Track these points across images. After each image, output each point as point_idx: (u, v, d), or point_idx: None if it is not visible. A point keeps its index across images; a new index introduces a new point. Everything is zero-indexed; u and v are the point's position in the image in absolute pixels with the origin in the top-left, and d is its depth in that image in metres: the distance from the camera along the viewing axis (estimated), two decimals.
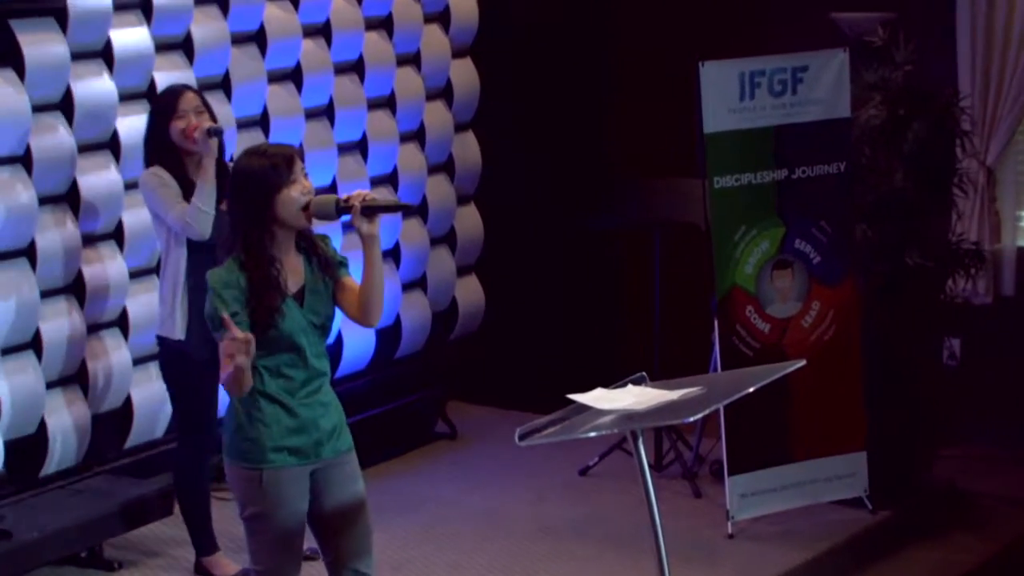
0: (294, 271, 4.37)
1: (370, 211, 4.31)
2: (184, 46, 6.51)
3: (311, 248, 4.42)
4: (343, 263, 4.45)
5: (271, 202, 4.28)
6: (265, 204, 4.28)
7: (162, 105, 5.66)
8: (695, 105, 6.24)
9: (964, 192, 6.76)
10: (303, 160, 4.40)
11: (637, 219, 7.12)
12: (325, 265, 4.41)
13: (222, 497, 6.09)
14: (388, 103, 7.42)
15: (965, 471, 7.03)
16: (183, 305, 5.60)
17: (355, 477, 4.47)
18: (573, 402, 4.26)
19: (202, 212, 5.52)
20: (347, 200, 4.33)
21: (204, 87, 6.48)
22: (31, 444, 6.04)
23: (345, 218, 4.41)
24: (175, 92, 5.70)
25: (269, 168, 4.29)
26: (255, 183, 4.28)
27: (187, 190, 5.59)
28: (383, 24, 7.38)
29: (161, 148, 5.61)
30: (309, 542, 4.50)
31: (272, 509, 4.34)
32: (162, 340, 5.67)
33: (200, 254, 5.57)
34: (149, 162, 5.67)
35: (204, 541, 5.84)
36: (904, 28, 6.66)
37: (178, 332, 5.61)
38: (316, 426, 4.37)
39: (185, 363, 5.63)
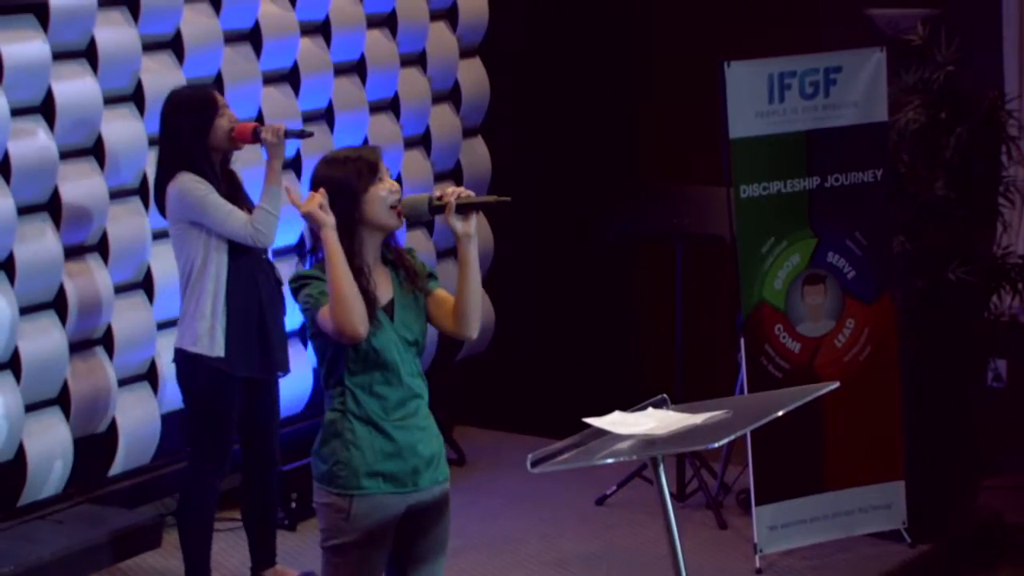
0: (382, 283, 4.39)
1: (466, 208, 4.32)
2: (173, 45, 6.55)
3: (398, 260, 4.44)
4: (433, 275, 4.47)
5: (357, 205, 4.32)
6: (352, 208, 4.31)
7: (197, 108, 5.68)
8: (720, 108, 6.26)
9: (1010, 202, 6.76)
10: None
11: (658, 230, 7.14)
12: (413, 278, 4.42)
13: (218, 529, 6.11)
14: (392, 106, 7.46)
15: (1012, 502, 7.01)
16: (223, 320, 5.63)
17: (446, 510, 4.46)
18: (589, 426, 4.27)
19: (272, 217, 5.60)
20: (440, 198, 4.35)
21: None
22: (9, 471, 6.06)
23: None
24: (208, 90, 5.75)
25: (352, 174, 4.34)
26: (337, 191, 4.32)
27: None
28: (386, 22, 7.42)
29: (195, 152, 5.64)
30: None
31: (359, 540, 4.33)
32: (195, 358, 5.67)
33: (241, 264, 5.63)
34: (172, 169, 5.66)
35: (199, 574, 5.85)
36: (946, 25, 6.67)
37: (217, 349, 5.65)
38: (414, 451, 4.37)
39: (221, 383, 5.66)
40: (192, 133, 5.64)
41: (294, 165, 6.99)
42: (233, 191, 5.72)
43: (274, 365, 5.77)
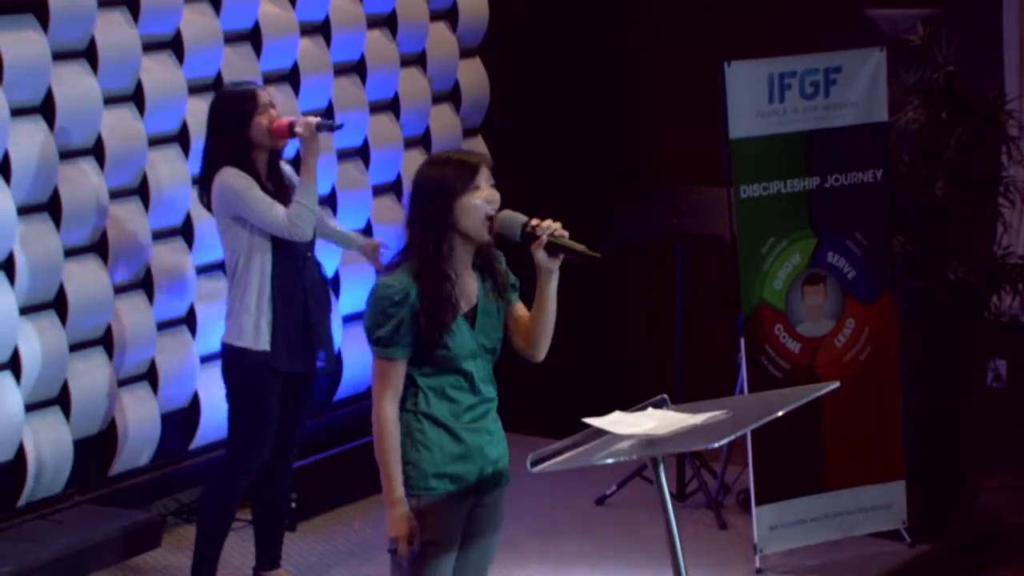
0: (468, 289, 4.37)
1: (555, 248, 4.30)
2: (173, 45, 6.55)
3: (488, 267, 4.41)
4: (515, 286, 4.45)
5: (450, 209, 4.29)
6: (444, 212, 4.28)
7: (237, 104, 5.70)
8: (720, 109, 6.26)
9: (1010, 202, 6.77)
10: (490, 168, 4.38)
11: (658, 230, 7.14)
12: (499, 289, 4.41)
13: (234, 529, 6.12)
14: (392, 106, 7.46)
15: (1012, 502, 7.03)
16: (268, 314, 5.66)
17: (501, 520, 4.49)
18: (589, 426, 4.28)
19: (308, 211, 5.62)
20: (535, 227, 4.30)
21: (195, 89, 6.54)
22: (8, 471, 6.07)
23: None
24: (249, 88, 5.78)
25: (449, 176, 4.31)
26: (434, 191, 4.30)
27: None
28: (386, 22, 7.43)
29: (236, 148, 5.67)
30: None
31: (427, 541, 4.32)
32: (240, 352, 5.70)
33: (285, 258, 5.66)
34: (216, 164, 5.69)
35: (206, 571, 5.85)
36: (946, 25, 6.68)
37: (262, 343, 5.67)
38: (482, 454, 4.38)
39: (264, 377, 5.68)
40: (232, 130, 5.67)
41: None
42: (280, 188, 5.73)
43: (316, 361, 5.81)
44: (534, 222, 4.32)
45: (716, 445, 4.07)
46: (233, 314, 5.73)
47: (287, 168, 5.90)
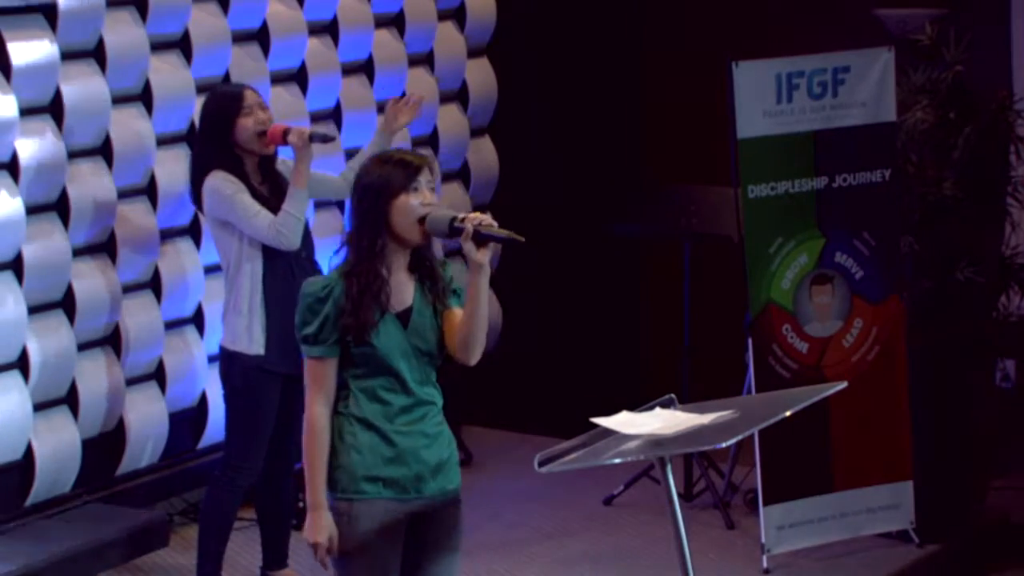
0: (403, 290, 4.34)
1: (481, 238, 4.24)
2: (181, 45, 6.57)
3: (428, 271, 4.38)
4: (456, 293, 4.40)
5: (387, 208, 4.28)
6: (380, 210, 4.27)
7: (223, 104, 5.70)
8: (728, 108, 6.27)
9: (1019, 202, 6.77)
10: (435, 173, 4.36)
11: (666, 230, 7.15)
12: (437, 292, 4.37)
13: (241, 528, 6.14)
14: None
15: (1020, 503, 7.03)
16: (261, 318, 5.66)
17: (457, 514, 4.44)
18: (597, 426, 4.28)
19: (296, 220, 5.60)
20: (462, 220, 4.26)
21: (203, 89, 6.55)
22: (16, 471, 6.09)
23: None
24: (236, 89, 5.78)
25: (390, 174, 4.29)
26: (373, 189, 4.29)
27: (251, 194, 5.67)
28: (394, 21, 7.44)
29: (222, 150, 5.66)
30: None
31: (362, 546, 4.29)
32: (236, 356, 5.71)
33: (277, 262, 5.66)
34: (205, 167, 5.69)
35: (209, 571, 5.87)
36: (954, 25, 6.68)
37: (256, 347, 5.68)
38: (417, 457, 4.33)
39: (262, 380, 5.69)
40: (216, 131, 5.66)
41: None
42: (274, 193, 5.73)
43: None
44: (461, 215, 4.28)
45: (723, 445, 4.07)
46: (227, 317, 5.74)
47: (285, 170, 5.87)
